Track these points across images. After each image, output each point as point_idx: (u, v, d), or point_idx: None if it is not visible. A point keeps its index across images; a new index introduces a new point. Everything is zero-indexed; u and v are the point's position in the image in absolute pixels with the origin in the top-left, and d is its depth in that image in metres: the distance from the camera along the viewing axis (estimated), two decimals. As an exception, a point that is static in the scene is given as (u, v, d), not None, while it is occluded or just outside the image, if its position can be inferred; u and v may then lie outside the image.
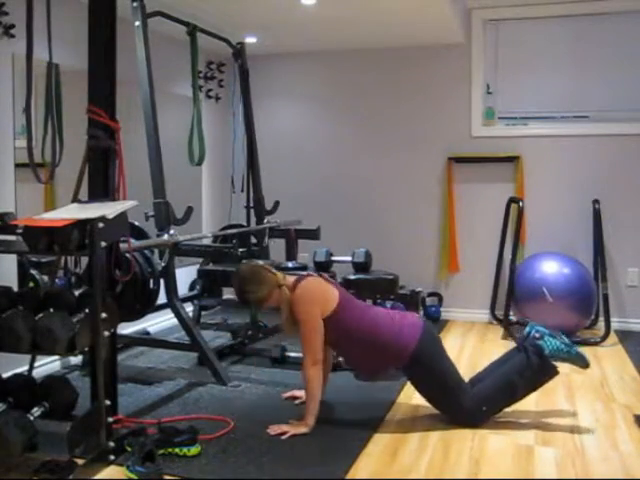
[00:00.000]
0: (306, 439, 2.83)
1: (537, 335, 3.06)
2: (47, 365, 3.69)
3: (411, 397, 3.40)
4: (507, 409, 3.12)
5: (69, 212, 2.64)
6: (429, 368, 3.00)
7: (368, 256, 4.04)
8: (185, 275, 4.91)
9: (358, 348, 3.01)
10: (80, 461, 2.49)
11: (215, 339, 4.52)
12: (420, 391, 3.11)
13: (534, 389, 3.06)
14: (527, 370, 3.00)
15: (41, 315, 2.52)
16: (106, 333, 2.60)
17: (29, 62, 2.69)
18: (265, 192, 4.84)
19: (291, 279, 3.06)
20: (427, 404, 3.24)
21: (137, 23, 3.65)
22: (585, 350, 4.30)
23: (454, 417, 3.02)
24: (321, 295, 2.98)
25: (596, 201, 4.76)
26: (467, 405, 2.99)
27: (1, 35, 3.43)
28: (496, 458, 2.68)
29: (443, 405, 3.06)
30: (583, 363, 3.06)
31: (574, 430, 2.98)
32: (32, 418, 2.57)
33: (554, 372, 3.04)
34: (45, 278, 3.50)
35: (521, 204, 4.67)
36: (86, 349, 2.61)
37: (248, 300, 3.08)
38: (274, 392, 3.46)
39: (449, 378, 3.02)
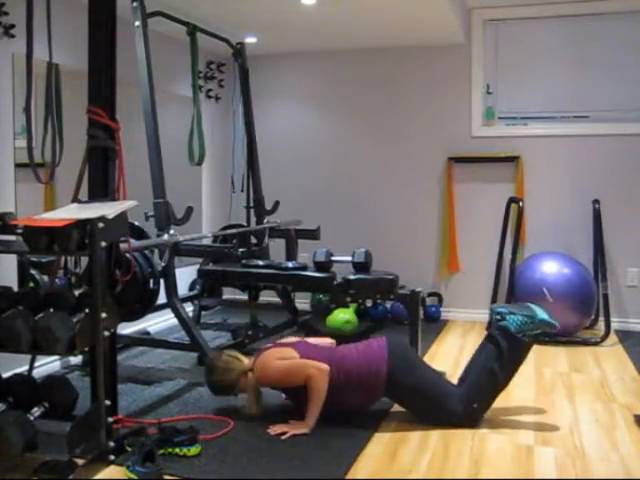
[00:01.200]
0: (306, 439, 2.83)
1: (499, 317, 3.07)
2: (47, 365, 3.69)
3: (411, 397, 3.40)
4: (507, 409, 3.13)
5: (69, 212, 2.64)
6: (407, 385, 3.00)
7: (368, 256, 4.03)
8: (185, 275, 4.90)
9: (337, 394, 2.99)
10: (80, 461, 2.48)
11: (215, 339, 4.52)
12: (409, 409, 3.10)
13: (515, 370, 3.05)
14: (501, 355, 3.00)
15: (41, 315, 2.52)
16: (106, 333, 2.60)
17: (29, 62, 2.69)
18: (265, 192, 4.84)
19: (252, 361, 3.12)
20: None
21: (137, 23, 3.65)
22: (585, 350, 4.34)
23: (450, 422, 3.01)
24: (278, 359, 3.03)
25: (596, 201, 4.76)
26: (458, 408, 2.98)
27: (1, 35, 3.43)
28: (496, 458, 2.68)
29: (435, 415, 3.03)
30: (551, 327, 3.04)
31: (574, 430, 2.98)
32: (32, 418, 2.57)
33: (527, 346, 3.03)
34: (45, 278, 3.50)
35: (521, 204, 4.67)
36: (86, 349, 2.61)
37: (218, 389, 3.15)
38: (274, 392, 3.45)
39: (431, 387, 3.02)
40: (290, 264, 4.13)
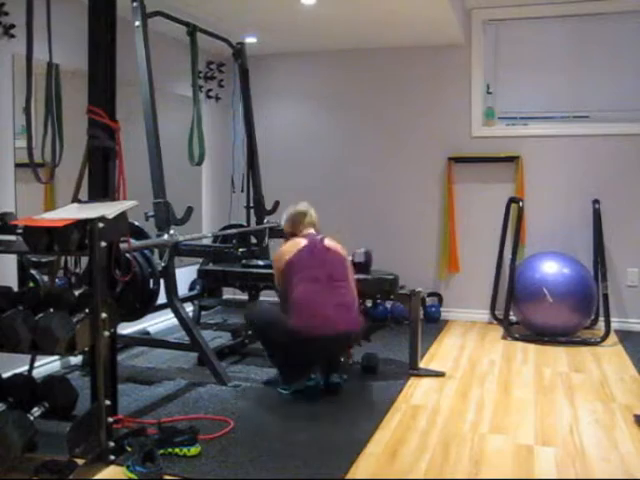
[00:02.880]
0: (306, 439, 2.83)
1: None
2: (47, 365, 3.69)
3: (411, 397, 3.41)
4: (507, 409, 3.15)
5: (69, 212, 2.64)
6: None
7: (368, 256, 4.03)
8: (185, 275, 4.90)
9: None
10: (80, 461, 2.48)
11: (215, 339, 4.52)
12: None
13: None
14: None
15: (41, 315, 2.52)
16: (106, 333, 2.60)
17: (29, 62, 2.69)
18: (265, 192, 4.84)
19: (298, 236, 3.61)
20: (427, 405, 3.26)
21: (137, 23, 3.65)
22: (585, 350, 4.34)
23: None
24: (280, 255, 3.53)
25: (596, 201, 4.76)
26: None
27: (1, 35, 3.43)
28: (496, 458, 2.68)
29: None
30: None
31: (574, 430, 2.98)
32: (32, 418, 2.57)
33: None
34: (45, 278, 3.50)
35: (521, 204, 4.67)
36: (86, 349, 2.61)
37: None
38: (274, 392, 3.46)
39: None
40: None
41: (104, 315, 2.57)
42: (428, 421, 3.08)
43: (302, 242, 3.53)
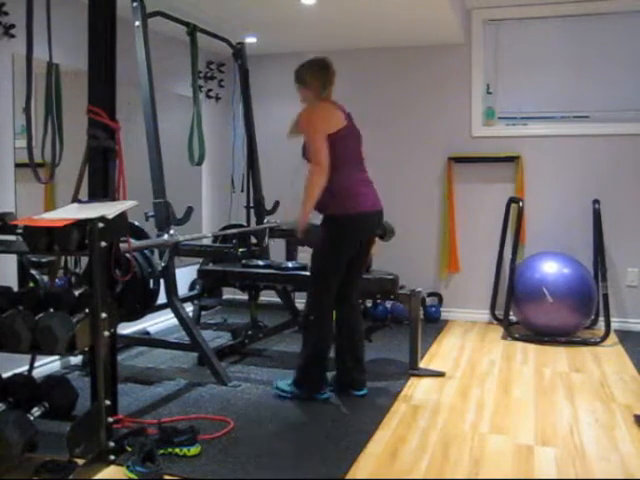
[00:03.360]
0: (306, 439, 2.83)
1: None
2: (47, 365, 3.69)
3: (411, 397, 3.41)
4: (507, 409, 3.16)
5: (69, 212, 2.64)
6: (322, 236, 3.29)
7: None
8: (185, 275, 4.90)
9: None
10: (80, 461, 2.49)
11: (215, 339, 4.52)
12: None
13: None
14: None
15: (41, 315, 2.53)
16: (106, 333, 2.61)
17: (29, 62, 2.69)
18: (265, 192, 4.84)
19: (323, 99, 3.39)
20: (427, 405, 3.26)
21: (137, 23, 3.65)
22: (585, 350, 4.34)
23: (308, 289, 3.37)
24: (326, 116, 3.32)
25: (596, 201, 4.76)
26: (313, 295, 3.29)
27: (1, 35, 3.43)
28: (496, 458, 2.68)
29: (310, 273, 3.36)
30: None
31: (574, 430, 2.98)
32: (32, 418, 2.57)
33: None
34: (45, 278, 3.50)
35: (521, 204, 4.67)
36: (86, 349, 2.61)
37: (296, 73, 3.48)
38: (274, 392, 3.46)
39: (324, 263, 3.28)
40: (290, 264, 4.13)
41: (104, 315, 2.57)
42: (428, 421, 3.08)
43: (342, 115, 3.34)
